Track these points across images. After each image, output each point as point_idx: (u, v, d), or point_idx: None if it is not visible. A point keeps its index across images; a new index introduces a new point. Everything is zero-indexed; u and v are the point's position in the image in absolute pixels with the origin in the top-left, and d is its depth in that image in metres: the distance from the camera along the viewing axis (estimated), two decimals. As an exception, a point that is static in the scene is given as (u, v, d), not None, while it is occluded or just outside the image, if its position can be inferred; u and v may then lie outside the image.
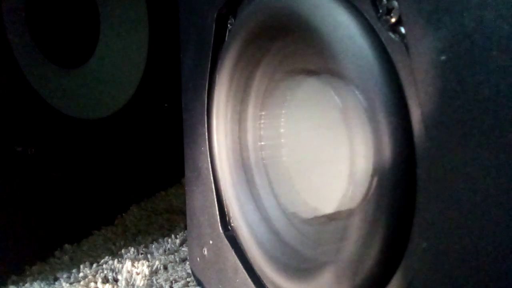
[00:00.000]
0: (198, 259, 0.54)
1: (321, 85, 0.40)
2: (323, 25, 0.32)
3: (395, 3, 0.28)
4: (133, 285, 0.60)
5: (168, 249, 0.69)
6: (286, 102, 0.45)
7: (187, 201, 0.56)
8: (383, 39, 0.29)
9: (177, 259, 0.65)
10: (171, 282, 0.60)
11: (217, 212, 0.49)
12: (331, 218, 0.40)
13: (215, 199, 0.49)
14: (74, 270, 0.64)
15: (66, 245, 0.70)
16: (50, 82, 0.72)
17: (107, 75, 0.82)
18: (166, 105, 0.88)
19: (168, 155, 0.86)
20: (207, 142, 0.49)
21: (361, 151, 0.31)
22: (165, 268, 0.64)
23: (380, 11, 0.29)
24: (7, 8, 0.64)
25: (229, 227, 0.49)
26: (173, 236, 0.72)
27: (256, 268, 0.45)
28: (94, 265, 0.65)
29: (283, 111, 0.46)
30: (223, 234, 0.48)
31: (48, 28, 0.73)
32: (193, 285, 0.58)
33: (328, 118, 0.40)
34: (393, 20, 0.28)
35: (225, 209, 0.49)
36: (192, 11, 0.50)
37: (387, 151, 0.28)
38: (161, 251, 0.68)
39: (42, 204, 0.68)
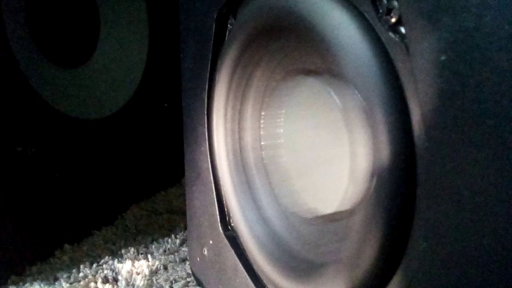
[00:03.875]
0: (198, 259, 0.54)
1: (321, 85, 0.40)
2: (323, 25, 0.32)
3: (395, 3, 0.28)
4: (133, 285, 0.60)
5: (168, 249, 0.69)
6: (285, 102, 0.45)
7: (187, 201, 0.56)
8: (383, 39, 0.29)
9: (177, 259, 0.65)
10: (171, 282, 0.60)
11: (217, 212, 0.49)
12: (331, 218, 0.40)
13: (215, 199, 0.49)
14: (74, 270, 0.64)
15: (66, 245, 0.70)
16: (50, 82, 0.72)
17: (107, 75, 0.82)
18: (166, 105, 0.88)
19: (168, 155, 0.86)
20: (207, 142, 0.49)
21: (360, 151, 0.31)
22: (165, 268, 0.64)
23: (380, 11, 0.29)
24: (7, 8, 0.64)
25: (229, 227, 0.49)
26: (173, 236, 0.72)
27: (256, 268, 0.45)
28: (94, 265, 0.65)
29: (283, 111, 0.46)
30: (223, 234, 0.48)
31: (48, 28, 0.73)
32: (193, 285, 0.58)
33: (327, 118, 0.40)
34: (393, 20, 0.28)
35: (225, 209, 0.49)
36: (192, 11, 0.50)
37: (387, 151, 0.28)
38: (161, 251, 0.68)
39: (42, 204, 0.67)
